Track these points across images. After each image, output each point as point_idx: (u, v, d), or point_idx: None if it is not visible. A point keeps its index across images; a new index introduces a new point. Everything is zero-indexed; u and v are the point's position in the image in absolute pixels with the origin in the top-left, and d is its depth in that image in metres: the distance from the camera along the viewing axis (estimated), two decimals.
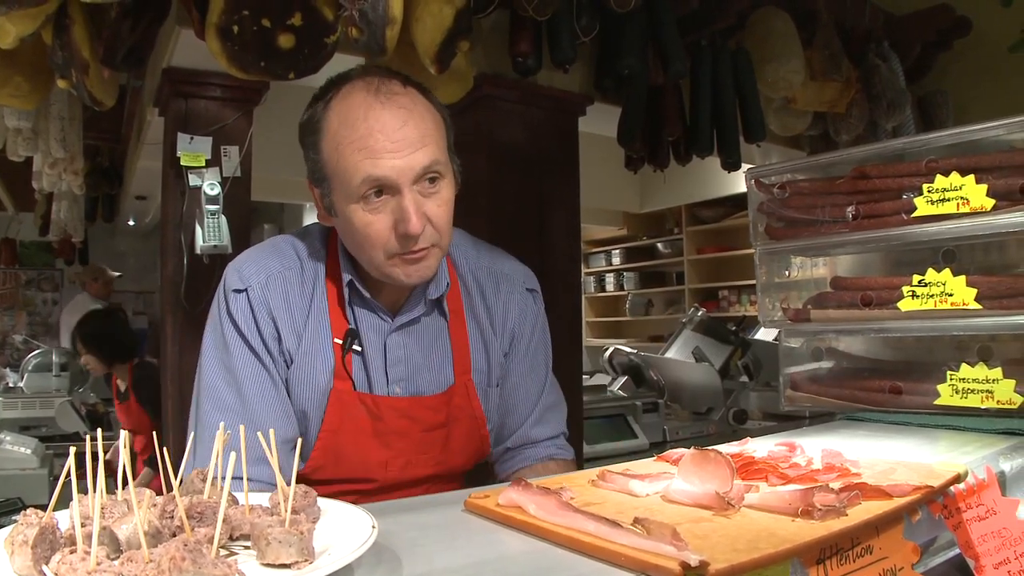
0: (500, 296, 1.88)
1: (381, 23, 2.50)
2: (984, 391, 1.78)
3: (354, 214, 1.57)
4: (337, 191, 1.60)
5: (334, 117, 1.59)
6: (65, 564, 0.81)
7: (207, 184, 3.50)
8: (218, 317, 1.70)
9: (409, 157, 1.53)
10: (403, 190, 1.54)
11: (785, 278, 2.21)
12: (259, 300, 1.66)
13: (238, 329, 1.66)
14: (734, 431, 4.39)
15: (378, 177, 1.53)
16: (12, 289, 11.47)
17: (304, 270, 1.73)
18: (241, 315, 1.66)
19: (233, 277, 1.70)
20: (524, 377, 1.92)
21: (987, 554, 1.33)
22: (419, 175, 1.55)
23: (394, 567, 0.96)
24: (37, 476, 4.46)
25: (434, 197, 1.60)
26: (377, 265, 1.62)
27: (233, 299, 1.67)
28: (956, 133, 1.86)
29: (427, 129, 1.59)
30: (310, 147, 1.64)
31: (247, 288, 1.67)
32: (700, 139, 4.08)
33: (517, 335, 1.91)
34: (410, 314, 1.75)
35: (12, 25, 2.57)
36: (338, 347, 1.69)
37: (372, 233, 1.57)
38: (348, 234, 1.64)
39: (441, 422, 1.76)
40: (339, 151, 1.56)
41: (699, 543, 0.94)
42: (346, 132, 1.55)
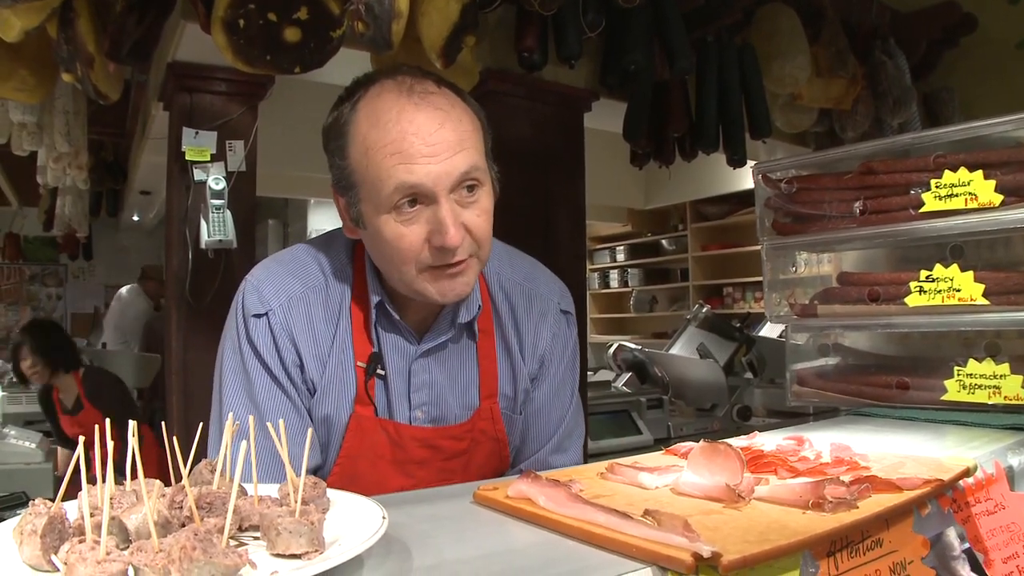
0: (532, 317, 1.74)
1: (387, 17, 2.50)
2: (991, 387, 1.78)
3: (385, 225, 1.44)
4: (366, 200, 1.46)
5: (363, 120, 1.45)
6: (75, 554, 0.80)
7: (212, 179, 3.49)
8: (237, 342, 1.58)
9: (446, 162, 1.40)
10: (440, 199, 1.40)
11: (791, 274, 2.21)
12: (280, 325, 1.55)
13: (259, 356, 1.55)
14: (738, 428, 4.40)
15: (413, 184, 1.39)
16: (16, 284, 11.49)
17: (329, 290, 1.60)
18: (262, 341, 1.55)
19: (252, 299, 1.57)
20: (548, 402, 1.80)
21: (996, 548, 1.32)
22: (457, 182, 1.42)
23: (404, 558, 0.95)
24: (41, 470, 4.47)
25: (473, 207, 1.46)
26: (408, 281, 1.49)
27: (253, 324, 1.55)
28: (963, 129, 1.85)
29: (465, 132, 1.45)
30: (335, 152, 1.51)
31: (267, 312, 1.55)
32: (705, 135, 4.08)
33: (547, 360, 1.77)
34: (437, 338, 1.62)
35: (17, 19, 2.57)
36: (361, 371, 1.58)
37: (404, 246, 1.44)
38: (377, 247, 1.50)
39: (464, 449, 1.67)
40: (369, 156, 1.42)
41: (710, 535, 0.94)
42: (377, 135, 1.42)
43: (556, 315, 1.78)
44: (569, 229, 3.93)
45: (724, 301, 9.73)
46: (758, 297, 9.16)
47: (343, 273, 1.62)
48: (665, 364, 4.79)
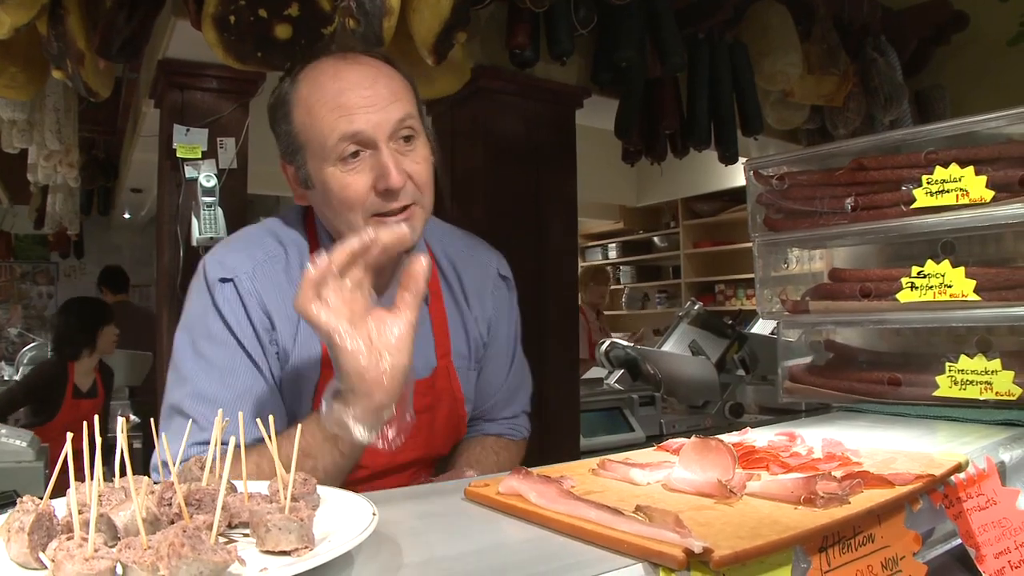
0: (476, 281, 1.86)
1: (378, 13, 2.49)
2: (983, 382, 1.78)
3: (331, 178, 1.52)
4: (312, 157, 1.55)
5: (303, 86, 1.55)
6: (63, 551, 0.80)
7: (203, 176, 3.49)
8: (201, 310, 1.59)
9: (383, 111, 1.50)
10: (380, 145, 1.50)
11: (783, 270, 2.21)
12: (248, 290, 1.58)
13: (225, 322, 1.57)
14: (730, 424, 4.40)
15: (354, 132, 1.49)
16: (7, 282, 11.45)
17: (289, 256, 1.66)
18: (229, 306, 1.57)
19: (215, 267, 1.61)
20: (494, 360, 1.91)
21: (987, 544, 1.32)
22: (395, 129, 1.51)
23: (395, 554, 0.95)
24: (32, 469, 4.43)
25: (411, 155, 1.55)
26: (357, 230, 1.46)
27: (219, 290, 1.58)
28: (954, 125, 1.85)
29: (396, 88, 1.55)
30: (281, 121, 1.60)
31: (233, 278, 1.59)
32: (697, 132, 4.08)
33: (494, 324, 1.89)
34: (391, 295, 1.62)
35: (7, 15, 2.56)
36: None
37: (351, 194, 1.51)
38: (326, 201, 1.57)
39: (428, 405, 1.73)
40: (311, 114, 1.52)
41: (702, 530, 0.94)
42: (318, 95, 1.52)
43: (496, 280, 1.92)
44: (561, 226, 3.92)
45: (716, 298, 9.76)
46: (750, 294, 9.18)
47: (299, 242, 1.68)
48: (657, 361, 4.79)
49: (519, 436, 2.00)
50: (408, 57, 2.75)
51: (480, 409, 1.93)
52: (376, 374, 1.29)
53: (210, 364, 1.55)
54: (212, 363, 1.55)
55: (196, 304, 1.61)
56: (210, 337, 1.57)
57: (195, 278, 1.64)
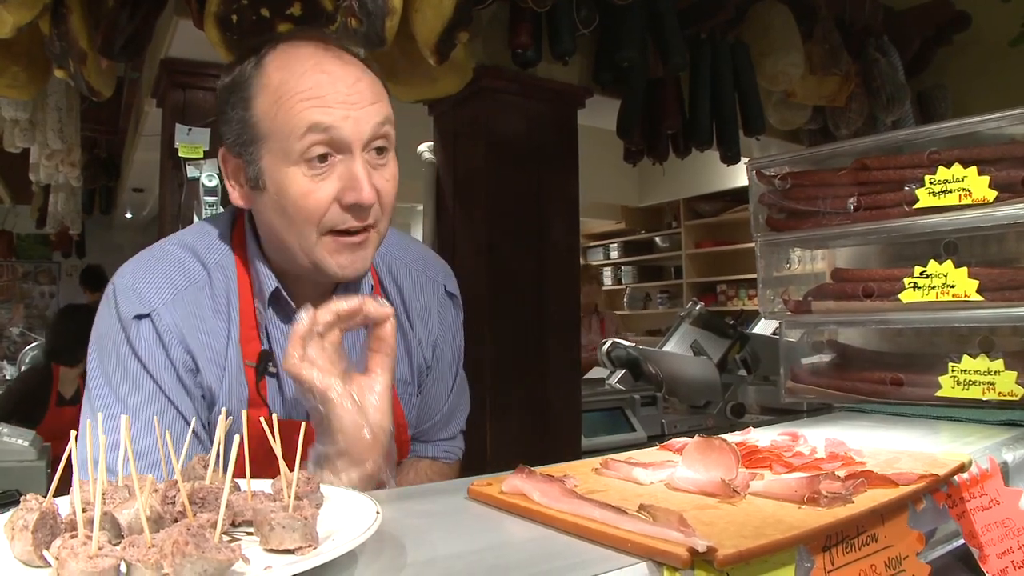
0: (420, 300, 1.69)
1: (381, 13, 2.50)
2: (986, 383, 1.78)
3: (292, 180, 1.33)
4: (271, 152, 1.35)
5: (274, 71, 1.35)
6: (66, 549, 0.80)
7: (205, 176, 3.49)
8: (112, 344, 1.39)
9: (364, 111, 1.34)
10: (354, 151, 1.33)
11: (785, 270, 2.21)
12: (167, 326, 1.39)
13: (144, 366, 1.38)
14: (732, 425, 4.40)
15: (328, 125, 1.30)
16: (9, 282, 11.47)
17: (213, 281, 1.46)
18: (146, 348, 1.38)
19: (129, 300, 1.40)
20: (436, 382, 1.77)
21: (991, 544, 1.32)
22: (373, 135, 1.34)
23: (398, 553, 0.95)
24: (34, 468, 4.44)
25: (382, 170, 1.39)
26: (307, 249, 1.37)
27: (134, 328, 1.38)
28: (957, 125, 1.85)
29: (379, 92, 1.39)
30: (236, 105, 1.38)
31: (151, 313, 1.39)
32: (699, 132, 4.08)
33: (438, 346, 1.73)
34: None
35: (9, 14, 2.56)
36: (251, 371, 1.45)
37: (310, 204, 1.33)
38: (278, 208, 1.36)
39: None
40: (280, 103, 1.33)
41: (706, 529, 0.94)
42: (292, 83, 1.33)
43: (443, 298, 1.75)
44: (563, 226, 3.92)
45: (718, 299, 9.76)
46: (752, 294, 9.18)
47: (225, 263, 1.48)
48: (659, 361, 4.79)
49: (454, 459, 1.87)
50: (410, 57, 2.75)
51: (418, 430, 1.77)
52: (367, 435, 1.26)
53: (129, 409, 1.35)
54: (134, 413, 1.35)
55: (108, 338, 1.41)
56: (127, 379, 1.38)
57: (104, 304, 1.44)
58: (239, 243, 1.50)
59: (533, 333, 3.71)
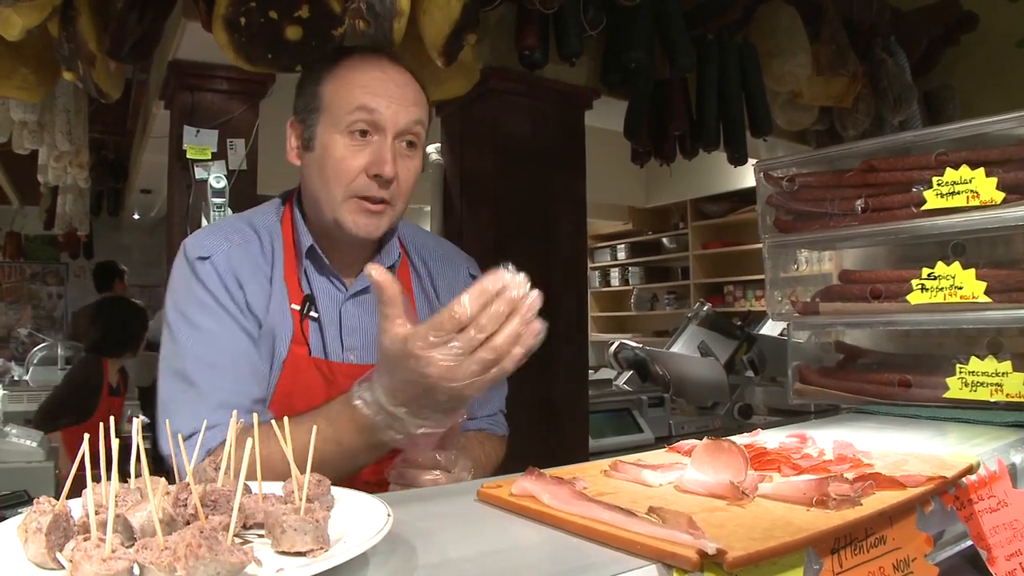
0: (446, 279, 1.94)
1: (388, 15, 2.50)
2: (994, 384, 1.78)
3: (335, 145, 1.65)
4: (325, 120, 1.67)
5: (344, 65, 1.70)
6: (80, 551, 0.80)
7: (213, 177, 3.50)
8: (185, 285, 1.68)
9: (403, 108, 1.65)
10: (388, 134, 1.64)
11: (793, 272, 2.21)
12: (225, 267, 1.68)
13: (210, 292, 1.65)
14: (739, 426, 4.40)
15: (372, 108, 1.63)
16: (17, 283, 11.49)
17: (262, 240, 1.76)
18: (210, 279, 1.66)
19: (194, 248, 1.70)
20: None
21: (999, 545, 1.32)
22: (405, 128, 1.66)
23: (409, 556, 0.95)
24: (43, 469, 4.46)
25: (407, 161, 1.69)
26: (334, 205, 1.67)
27: (199, 266, 1.67)
28: (964, 127, 1.85)
29: (421, 101, 1.72)
30: (312, 82, 1.72)
31: (210, 256, 1.68)
32: (706, 133, 4.08)
33: None
34: (362, 282, 1.78)
35: (18, 17, 2.57)
36: (296, 313, 1.72)
37: (344, 168, 1.64)
38: (319, 167, 1.68)
39: None
40: (341, 83, 1.67)
41: (715, 532, 0.94)
42: (354, 75, 1.67)
43: (467, 279, 1.95)
44: (570, 227, 3.93)
45: (725, 299, 9.74)
46: (759, 295, 9.16)
47: (273, 226, 1.79)
48: (666, 362, 4.79)
49: (501, 431, 2.02)
50: (418, 59, 2.75)
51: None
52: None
53: (203, 332, 1.63)
54: (205, 330, 1.63)
55: (180, 281, 1.70)
56: (200, 306, 1.65)
57: (176, 260, 1.73)
58: (287, 215, 1.82)
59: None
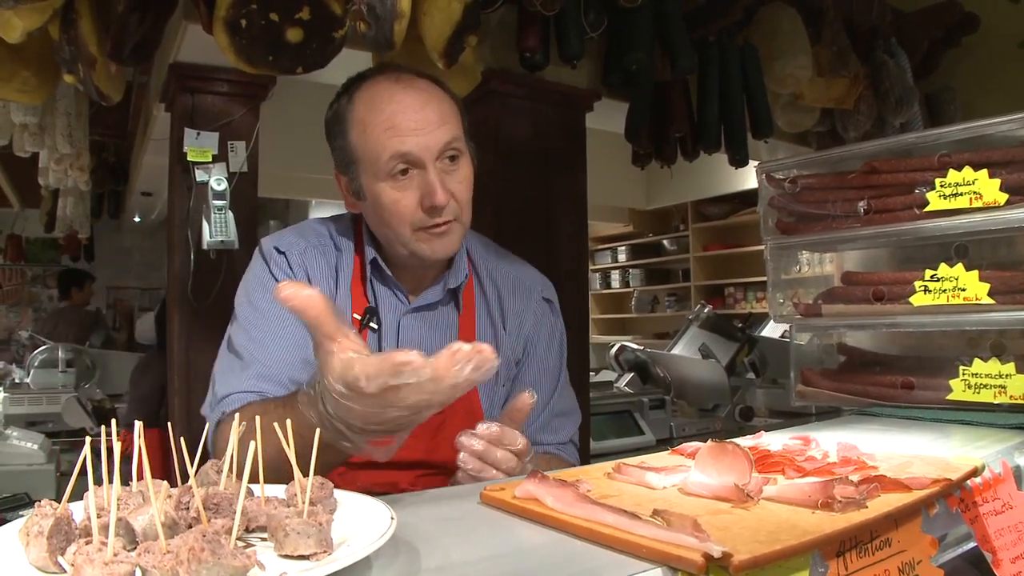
0: (516, 302, 1.94)
1: (389, 17, 2.50)
2: (997, 386, 1.77)
3: (383, 192, 1.67)
4: (365, 172, 1.69)
5: (360, 106, 1.69)
6: (82, 555, 0.80)
7: (214, 179, 3.50)
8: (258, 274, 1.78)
9: (431, 135, 1.64)
10: (427, 165, 1.64)
11: (795, 273, 2.20)
12: (298, 263, 1.77)
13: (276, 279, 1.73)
14: (740, 428, 4.40)
15: (405, 152, 1.62)
16: (18, 285, 11.50)
17: (336, 246, 1.83)
18: (282, 271, 1.76)
19: (273, 241, 1.81)
20: (531, 378, 1.94)
21: (1004, 548, 1.32)
22: (441, 151, 1.66)
23: (412, 559, 0.95)
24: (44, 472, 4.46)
25: (455, 174, 1.70)
26: (404, 241, 1.70)
27: (275, 260, 1.77)
28: (967, 128, 1.85)
29: (445, 111, 1.70)
30: (337, 136, 1.74)
31: (287, 251, 1.78)
32: (707, 135, 4.08)
33: (531, 342, 1.95)
34: (427, 297, 1.82)
35: (19, 19, 2.57)
36: (356, 322, 1.75)
37: (400, 208, 1.66)
38: (377, 213, 1.72)
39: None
40: (366, 133, 1.66)
41: (720, 535, 0.94)
42: (373, 116, 1.66)
43: (539, 301, 1.99)
44: (571, 229, 3.93)
45: (726, 301, 9.74)
46: (760, 297, 9.16)
47: (346, 235, 1.86)
48: (667, 364, 4.79)
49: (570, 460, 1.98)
50: (419, 60, 2.75)
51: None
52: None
53: (261, 312, 1.72)
54: (263, 311, 1.72)
55: (252, 271, 1.81)
56: (264, 290, 1.74)
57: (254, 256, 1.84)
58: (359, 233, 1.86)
59: None
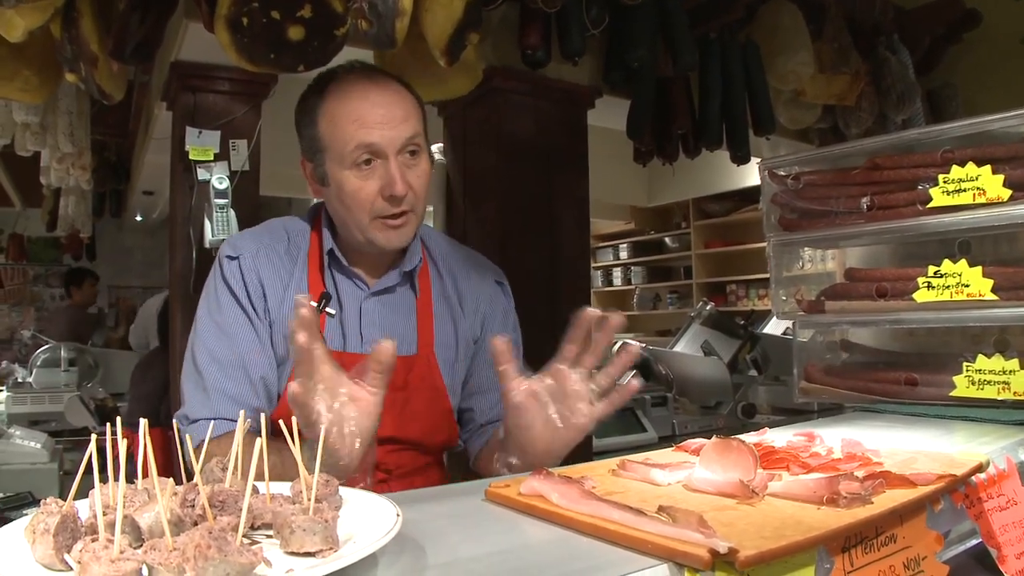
0: (471, 284, 2.05)
1: (391, 15, 2.49)
2: (1001, 382, 1.77)
3: (346, 180, 1.77)
4: (331, 160, 1.79)
5: (331, 98, 1.80)
6: (88, 552, 0.80)
7: (216, 178, 3.49)
8: (213, 283, 1.88)
9: (395, 129, 1.75)
10: (390, 157, 1.75)
11: (798, 270, 2.20)
12: (249, 267, 1.85)
13: (231, 290, 1.83)
14: (743, 425, 4.39)
15: (370, 143, 1.73)
16: (20, 285, 11.50)
17: (291, 242, 1.93)
18: (233, 279, 1.84)
19: (227, 248, 1.90)
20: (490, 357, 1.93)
21: (1008, 544, 1.32)
22: (403, 145, 1.76)
23: (418, 556, 0.95)
24: (47, 470, 4.46)
25: (414, 168, 1.80)
26: (362, 228, 1.80)
27: (227, 265, 1.86)
28: (969, 124, 1.85)
29: (409, 109, 1.81)
30: (307, 124, 1.84)
31: (239, 256, 1.86)
32: (709, 132, 4.07)
33: (487, 320, 2.05)
34: (385, 281, 1.93)
35: (21, 18, 2.57)
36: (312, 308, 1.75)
37: (362, 196, 1.77)
38: (339, 199, 1.82)
39: (398, 385, 1.84)
40: (335, 123, 1.77)
41: (726, 531, 0.94)
42: (342, 108, 1.77)
43: (492, 285, 2.09)
44: (572, 227, 3.92)
45: (728, 298, 9.73)
46: (762, 294, 9.16)
47: (303, 231, 1.96)
48: (669, 362, 4.77)
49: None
50: (420, 58, 2.75)
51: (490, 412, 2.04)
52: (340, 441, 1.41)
53: (218, 328, 1.82)
54: (220, 327, 1.82)
55: (211, 278, 1.90)
56: (219, 305, 1.84)
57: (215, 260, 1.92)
58: (318, 222, 1.96)
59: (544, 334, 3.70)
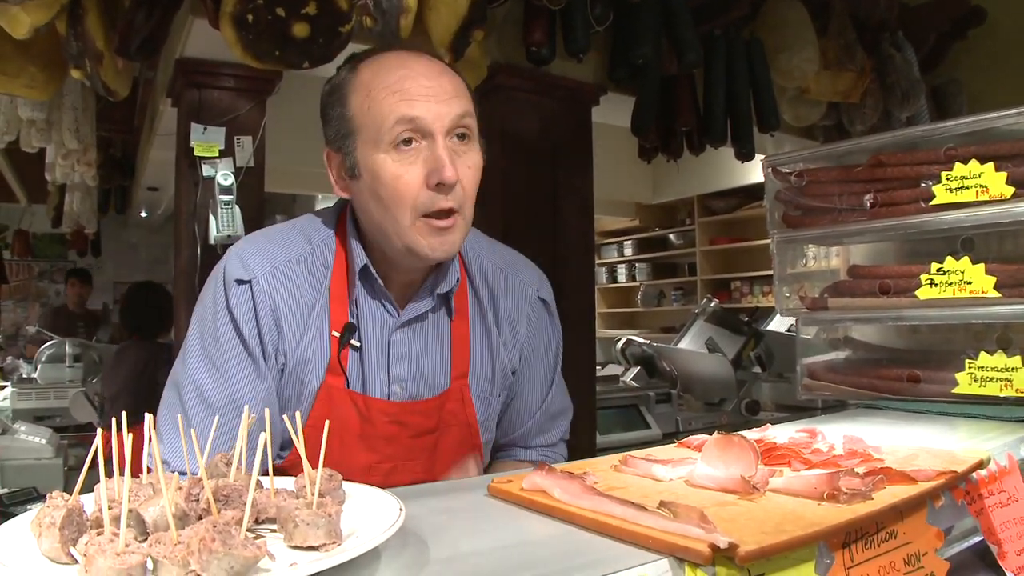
0: (511, 299, 1.75)
1: (395, 12, 2.51)
2: (1003, 379, 1.77)
3: (383, 166, 1.46)
4: (364, 142, 1.49)
5: (365, 72, 1.51)
6: (94, 546, 0.81)
7: (220, 174, 3.50)
8: (213, 307, 1.57)
9: (444, 103, 1.46)
10: (436, 137, 1.45)
11: (801, 267, 2.20)
12: (263, 295, 1.54)
13: (235, 323, 1.54)
14: (747, 421, 4.40)
15: (413, 117, 1.43)
16: (25, 280, 11.52)
17: (313, 258, 1.60)
18: (241, 309, 1.54)
19: (236, 266, 1.56)
20: (527, 386, 1.81)
21: (1009, 540, 1.32)
22: (453, 124, 1.47)
23: (421, 550, 0.96)
24: (51, 466, 4.47)
25: (465, 156, 1.50)
26: (401, 231, 1.48)
27: (234, 291, 1.54)
28: (973, 121, 1.84)
29: (459, 86, 1.52)
30: (336, 104, 1.54)
31: (251, 280, 1.54)
32: (714, 129, 4.08)
33: (528, 350, 1.79)
34: (417, 308, 1.62)
35: (27, 15, 2.58)
36: (335, 340, 1.57)
37: (401, 186, 1.45)
38: (373, 193, 1.50)
39: (431, 428, 1.64)
40: (371, 97, 1.47)
41: (726, 526, 0.94)
42: (380, 80, 1.47)
43: (534, 303, 1.80)
44: (577, 223, 3.93)
45: (732, 295, 9.72)
46: (766, 291, 9.14)
47: (327, 242, 1.62)
48: (673, 358, 4.79)
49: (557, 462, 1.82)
50: None
51: (513, 436, 1.85)
52: None
53: (213, 363, 1.54)
54: (215, 363, 1.54)
55: (210, 299, 1.59)
56: (216, 337, 1.54)
57: (215, 270, 1.61)
58: (342, 228, 1.64)
59: None
